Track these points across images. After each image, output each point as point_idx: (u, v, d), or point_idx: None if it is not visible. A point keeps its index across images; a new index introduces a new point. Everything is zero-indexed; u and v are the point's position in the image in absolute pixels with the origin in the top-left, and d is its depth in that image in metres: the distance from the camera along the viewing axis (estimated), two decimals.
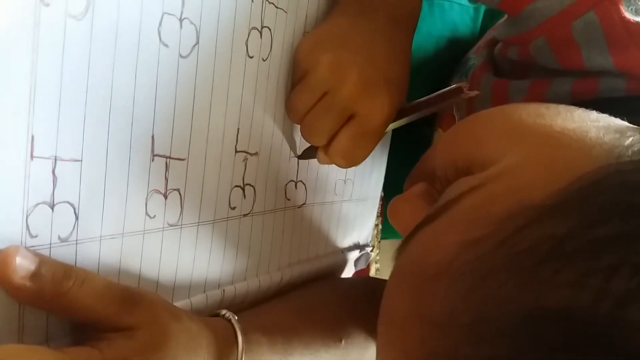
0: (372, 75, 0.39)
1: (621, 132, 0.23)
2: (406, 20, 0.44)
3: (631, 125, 0.25)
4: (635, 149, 0.21)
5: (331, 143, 0.40)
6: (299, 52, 0.41)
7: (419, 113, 0.42)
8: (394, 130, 0.57)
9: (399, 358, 0.24)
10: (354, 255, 0.56)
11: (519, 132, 0.26)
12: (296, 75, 0.41)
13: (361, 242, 0.57)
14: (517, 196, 0.22)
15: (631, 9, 0.35)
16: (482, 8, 0.70)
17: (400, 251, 0.27)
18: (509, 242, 0.21)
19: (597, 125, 0.24)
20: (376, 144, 0.41)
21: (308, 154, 0.44)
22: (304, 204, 0.48)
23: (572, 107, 0.26)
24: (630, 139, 0.22)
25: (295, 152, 0.45)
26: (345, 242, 0.55)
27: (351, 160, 0.41)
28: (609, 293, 0.18)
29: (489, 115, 0.30)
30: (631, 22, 0.35)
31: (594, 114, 0.26)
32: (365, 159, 0.42)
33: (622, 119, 0.25)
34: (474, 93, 0.38)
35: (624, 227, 0.19)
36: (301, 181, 0.47)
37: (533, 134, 0.25)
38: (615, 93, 0.37)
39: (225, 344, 0.34)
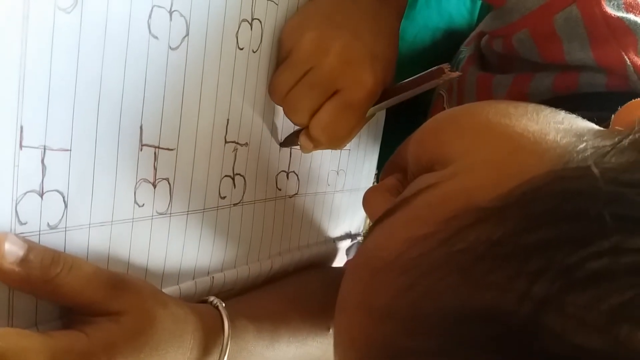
0: (356, 50, 0.38)
1: (579, 135, 0.23)
2: (394, 0, 0.43)
3: (594, 128, 0.25)
4: (586, 154, 0.21)
5: (313, 118, 0.40)
6: (283, 34, 0.41)
7: (403, 95, 0.42)
8: (386, 120, 0.57)
9: (347, 345, 0.25)
10: (345, 244, 0.56)
11: (481, 131, 0.26)
12: (280, 57, 0.41)
13: (353, 232, 0.58)
14: (466, 197, 0.22)
15: (613, 3, 0.35)
16: (479, 0, 0.70)
17: (363, 242, 0.28)
18: (450, 241, 0.21)
19: (558, 127, 0.24)
20: (358, 120, 0.41)
21: (290, 141, 0.44)
22: (296, 194, 0.48)
23: (542, 107, 0.26)
24: (584, 144, 0.22)
25: (277, 140, 0.45)
26: (336, 232, 0.55)
27: (332, 134, 0.40)
28: (531, 297, 0.19)
29: (457, 112, 0.30)
30: (612, 17, 0.35)
31: (561, 115, 0.26)
32: (347, 137, 0.41)
33: (595, 117, 0.25)
34: (455, 74, 0.38)
35: (554, 234, 0.19)
36: (293, 172, 0.48)
37: (494, 134, 0.25)
38: (596, 88, 0.37)
39: (211, 329, 0.35)
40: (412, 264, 0.22)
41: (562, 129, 0.24)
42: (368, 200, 0.33)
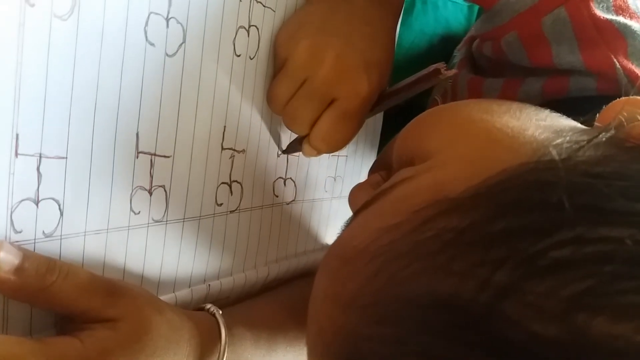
0: (350, 58, 0.38)
1: (559, 132, 0.23)
2: (389, 1, 0.43)
3: (576, 126, 0.25)
4: (562, 148, 0.21)
5: (312, 129, 0.40)
6: (277, 41, 0.41)
7: (399, 97, 0.41)
8: (383, 127, 0.57)
9: (315, 336, 0.25)
10: None
11: (460, 127, 0.26)
12: (276, 65, 0.41)
13: None
14: (438, 189, 0.23)
15: (602, 6, 0.35)
16: (476, 6, 0.70)
17: (340, 234, 0.28)
18: (419, 229, 0.22)
19: (539, 124, 0.24)
20: (357, 127, 0.41)
21: (292, 147, 0.44)
22: (293, 200, 0.48)
23: (525, 105, 0.27)
24: (561, 139, 0.22)
25: (280, 147, 0.45)
26: (333, 239, 0.55)
27: (332, 144, 0.41)
28: (491, 284, 0.19)
29: (440, 109, 0.30)
30: (601, 19, 0.35)
31: (544, 113, 0.26)
32: (347, 143, 0.42)
33: (584, 120, 0.26)
34: (452, 72, 0.37)
35: (520, 223, 0.19)
36: (290, 178, 0.48)
37: (472, 129, 0.25)
38: (586, 92, 0.37)
39: (208, 337, 0.35)
40: (379, 252, 0.22)
41: (543, 125, 0.24)
42: (352, 197, 0.34)
